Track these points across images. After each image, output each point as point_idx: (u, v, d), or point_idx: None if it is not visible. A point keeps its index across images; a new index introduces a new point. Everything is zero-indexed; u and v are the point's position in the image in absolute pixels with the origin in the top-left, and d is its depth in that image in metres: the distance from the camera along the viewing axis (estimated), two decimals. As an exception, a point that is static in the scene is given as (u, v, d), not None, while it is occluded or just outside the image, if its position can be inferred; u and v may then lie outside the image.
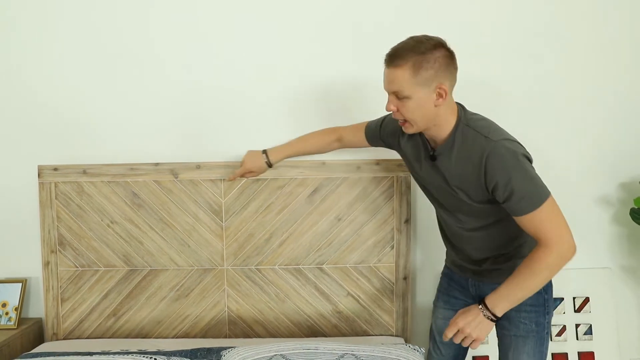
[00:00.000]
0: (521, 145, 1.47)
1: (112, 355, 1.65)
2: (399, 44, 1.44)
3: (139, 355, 1.62)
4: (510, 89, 2.11)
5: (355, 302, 2.12)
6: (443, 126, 1.48)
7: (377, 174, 2.08)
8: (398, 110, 1.47)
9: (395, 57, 1.42)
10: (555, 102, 2.13)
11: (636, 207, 2.05)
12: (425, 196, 2.14)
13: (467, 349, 1.81)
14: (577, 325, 2.17)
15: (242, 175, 2.00)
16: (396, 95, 1.45)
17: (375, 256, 2.11)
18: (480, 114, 1.55)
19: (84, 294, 2.12)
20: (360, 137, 1.87)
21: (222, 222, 2.09)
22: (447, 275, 1.80)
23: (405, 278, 2.12)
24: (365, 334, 2.14)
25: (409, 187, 2.09)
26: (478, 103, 2.02)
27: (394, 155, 2.10)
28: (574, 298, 2.18)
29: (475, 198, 1.48)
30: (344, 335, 2.14)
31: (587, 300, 2.18)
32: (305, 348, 1.54)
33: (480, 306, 1.45)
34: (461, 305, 1.72)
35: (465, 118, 1.48)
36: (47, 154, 2.12)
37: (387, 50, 1.46)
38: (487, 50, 2.09)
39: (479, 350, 2.13)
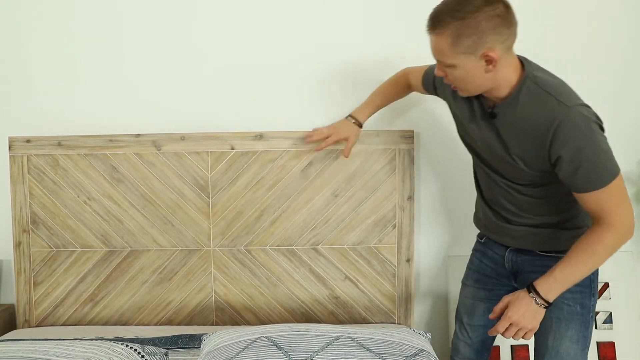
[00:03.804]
0: (594, 111, 1.30)
1: (83, 342, 1.48)
2: (440, 4, 1.27)
3: (111, 342, 1.45)
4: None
5: (353, 286, 1.96)
6: (502, 86, 1.31)
7: (377, 146, 1.92)
8: (447, 76, 1.32)
9: (434, 23, 1.26)
10: (570, 75, 1.97)
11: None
12: (429, 171, 2.01)
13: None
14: (596, 313, 2.00)
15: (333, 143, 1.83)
16: (441, 63, 1.30)
17: (376, 236, 1.94)
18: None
19: (59, 277, 1.96)
20: (419, 82, 1.68)
21: (209, 198, 1.93)
22: (480, 252, 1.64)
23: (408, 260, 1.95)
24: (364, 321, 1.97)
25: (412, 160, 1.92)
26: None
27: (396, 125, 1.96)
28: (592, 283, 2.01)
29: (532, 166, 1.33)
30: (341, 322, 1.97)
31: (606, 285, 2.01)
32: (295, 330, 1.37)
33: (531, 293, 1.30)
34: (493, 285, 1.59)
35: (532, 74, 1.30)
36: (18, 125, 1.96)
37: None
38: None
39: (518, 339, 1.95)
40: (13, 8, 1.93)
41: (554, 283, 1.28)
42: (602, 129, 1.29)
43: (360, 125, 1.81)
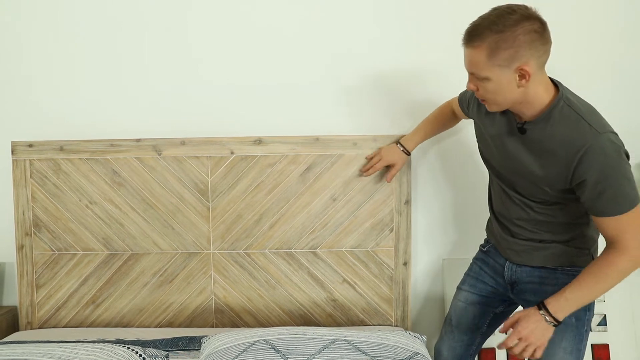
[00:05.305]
0: (621, 140, 1.32)
1: (86, 344, 1.51)
2: (478, 19, 1.30)
3: (112, 344, 1.48)
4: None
5: (351, 289, 1.98)
6: (534, 103, 1.33)
7: (375, 151, 1.94)
8: (478, 89, 1.35)
9: (471, 36, 1.28)
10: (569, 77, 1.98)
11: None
12: (425, 176, 2.04)
13: (484, 338, 1.69)
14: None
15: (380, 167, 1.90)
16: (475, 75, 1.33)
17: (373, 240, 1.96)
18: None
19: (61, 279, 1.98)
20: (458, 107, 1.72)
21: (209, 202, 1.95)
22: (481, 260, 1.68)
23: (405, 264, 1.97)
24: (362, 323, 1.99)
25: (409, 165, 1.94)
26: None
27: (392, 130, 1.98)
28: (587, 286, 2.03)
29: (553, 185, 1.36)
30: (339, 325, 1.99)
31: (601, 288, 2.03)
32: (292, 333, 1.40)
33: (542, 311, 1.34)
34: (488, 293, 1.63)
35: (565, 97, 1.33)
36: (21, 130, 1.99)
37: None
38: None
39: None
40: (14, 14, 1.95)
41: (565, 303, 1.32)
42: (628, 157, 1.31)
43: (408, 153, 1.85)
